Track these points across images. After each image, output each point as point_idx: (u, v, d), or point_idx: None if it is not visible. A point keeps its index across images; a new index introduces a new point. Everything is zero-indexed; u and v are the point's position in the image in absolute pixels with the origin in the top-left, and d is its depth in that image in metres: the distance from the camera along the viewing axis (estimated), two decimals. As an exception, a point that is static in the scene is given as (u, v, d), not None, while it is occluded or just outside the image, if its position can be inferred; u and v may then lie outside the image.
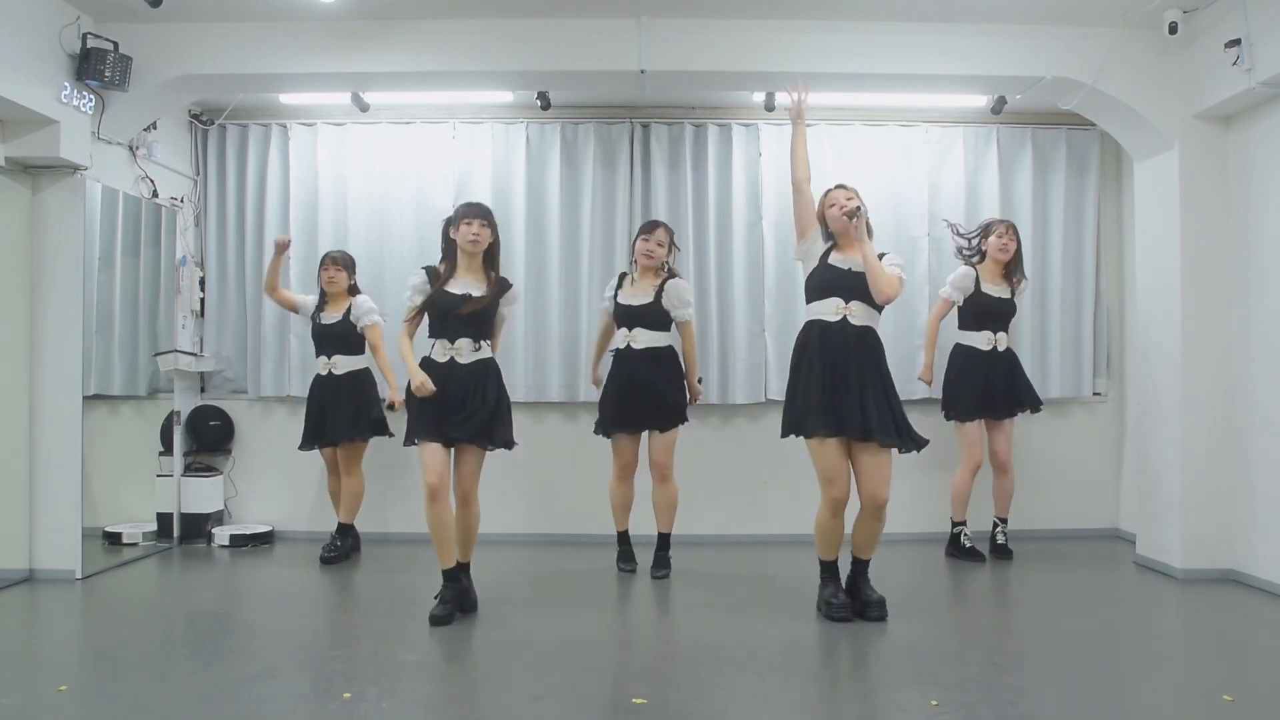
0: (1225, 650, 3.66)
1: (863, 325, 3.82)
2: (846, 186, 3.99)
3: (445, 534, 3.85)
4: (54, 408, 4.60)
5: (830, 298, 3.84)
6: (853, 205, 3.84)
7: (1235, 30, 4.23)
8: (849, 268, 3.84)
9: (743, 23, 4.71)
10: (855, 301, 3.81)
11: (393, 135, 5.69)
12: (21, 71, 4.16)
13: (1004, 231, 5.09)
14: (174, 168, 5.50)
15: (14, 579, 4.49)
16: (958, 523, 5.18)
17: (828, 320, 3.83)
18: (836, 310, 3.82)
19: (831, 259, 3.89)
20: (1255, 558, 4.50)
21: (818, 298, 3.89)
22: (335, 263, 5.12)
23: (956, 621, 4.05)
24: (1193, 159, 4.71)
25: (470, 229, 3.91)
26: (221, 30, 4.72)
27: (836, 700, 3.04)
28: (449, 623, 3.81)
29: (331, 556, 5.03)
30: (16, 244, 4.57)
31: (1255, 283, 4.53)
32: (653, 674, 3.30)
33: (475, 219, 3.93)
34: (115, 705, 2.94)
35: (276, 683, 3.11)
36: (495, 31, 4.72)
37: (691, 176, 5.67)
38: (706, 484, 5.51)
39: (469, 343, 3.92)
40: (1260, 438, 4.48)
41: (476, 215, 3.95)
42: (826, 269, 3.88)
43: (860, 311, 3.82)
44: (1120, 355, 5.81)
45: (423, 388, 3.80)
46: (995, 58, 4.75)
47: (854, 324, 3.81)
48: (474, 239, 3.92)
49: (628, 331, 4.63)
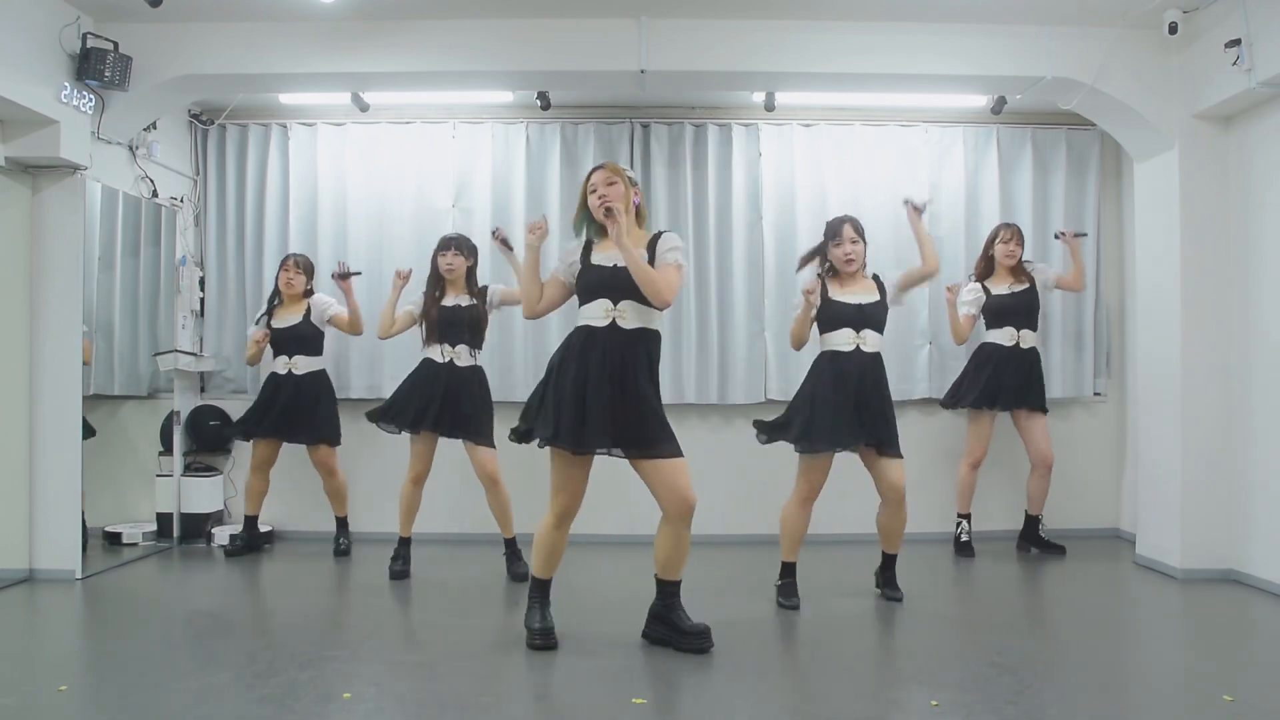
0: (1225, 650, 3.66)
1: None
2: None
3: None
4: (54, 408, 4.59)
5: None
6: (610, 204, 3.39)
7: (1235, 30, 4.23)
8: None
9: (743, 23, 4.71)
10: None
11: (392, 135, 5.69)
12: (21, 71, 4.16)
13: (1009, 237, 5.15)
14: (174, 168, 5.50)
15: (14, 579, 4.49)
16: (961, 515, 5.23)
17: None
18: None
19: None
20: (1255, 558, 4.50)
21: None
22: (298, 265, 5.19)
23: (956, 621, 4.05)
24: (1193, 159, 4.71)
25: (444, 259, 4.65)
26: (221, 30, 4.72)
27: (837, 700, 3.04)
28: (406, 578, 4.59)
29: (337, 547, 5.26)
30: (16, 244, 4.57)
31: (1255, 282, 4.53)
32: (653, 674, 3.30)
33: (449, 250, 4.67)
34: (115, 705, 2.94)
35: (276, 683, 3.10)
36: (495, 31, 4.72)
37: (691, 176, 5.67)
38: (706, 484, 5.49)
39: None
40: (1260, 438, 4.48)
41: (450, 246, 4.68)
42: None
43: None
44: (1120, 355, 5.81)
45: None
46: (995, 58, 4.76)
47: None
48: (449, 267, 4.65)
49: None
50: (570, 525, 3.53)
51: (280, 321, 5.17)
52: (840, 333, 4.11)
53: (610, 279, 3.39)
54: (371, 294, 5.58)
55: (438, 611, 4.21)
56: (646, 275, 3.32)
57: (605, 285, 3.39)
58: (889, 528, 4.20)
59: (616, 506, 4.91)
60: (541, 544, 3.53)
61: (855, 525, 4.97)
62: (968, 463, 5.20)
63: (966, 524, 5.22)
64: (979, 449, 5.17)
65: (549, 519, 3.49)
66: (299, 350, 5.15)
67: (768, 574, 4.67)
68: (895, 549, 4.26)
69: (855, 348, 4.08)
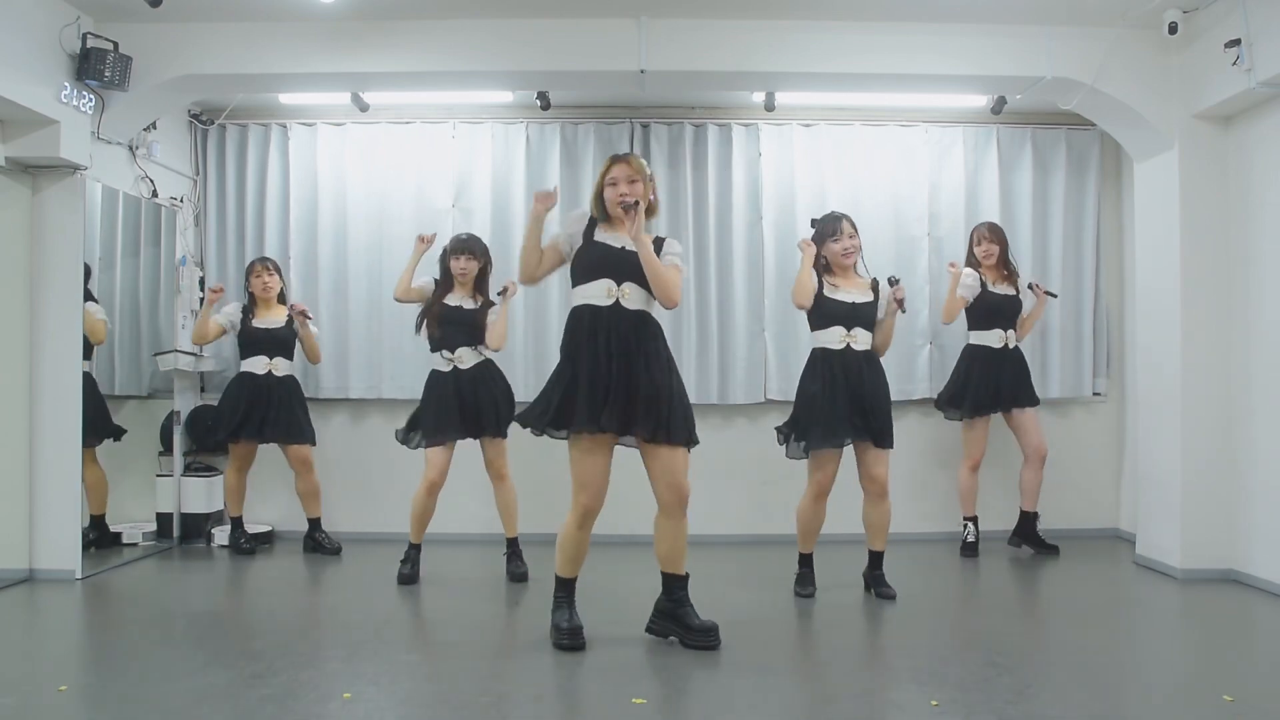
0: (1225, 650, 3.66)
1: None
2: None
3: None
4: (54, 408, 4.59)
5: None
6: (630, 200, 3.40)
7: (1235, 30, 4.22)
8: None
9: (743, 23, 4.71)
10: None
11: (392, 135, 5.69)
12: (21, 71, 4.16)
13: (979, 239, 5.17)
14: (174, 168, 5.50)
15: (14, 579, 4.49)
16: (967, 518, 5.22)
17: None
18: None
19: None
20: (1255, 558, 4.50)
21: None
22: (269, 268, 5.24)
23: (956, 621, 4.05)
24: (1193, 159, 4.70)
25: (458, 263, 4.59)
26: (221, 30, 4.72)
27: (836, 700, 3.04)
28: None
29: (329, 547, 5.24)
30: (16, 244, 4.57)
31: (1255, 283, 4.53)
32: (653, 674, 3.30)
33: (462, 255, 4.61)
34: (115, 705, 2.94)
35: (276, 683, 3.10)
36: (495, 31, 4.72)
37: (691, 176, 5.67)
38: (706, 484, 5.50)
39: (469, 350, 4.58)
40: (1260, 438, 4.48)
41: (464, 251, 4.63)
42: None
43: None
44: (1120, 355, 5.81)
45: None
46: (995, 58, 4.75)
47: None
48: (462, 271, 4.60)
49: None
50: (592, 526, 3.50)
51: (262, 322, 5.20)
52: (831, 330, 4.15)
53: (617, 259, 3.37)
54: (371, 294, 5.60)
55: (438, 611, 4.21)
56: (662, 275, 3.35)
57: (610, 265, 3.37)
58: (874, 523, 4.24)
59: (615, 506, 4.89)
60: (564, 545, 3.49)
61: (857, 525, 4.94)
62: (967, 466, 5.19)
63: (973, 526, 5.21)
64: (977, 451, 5.17)
65: (571, 520, 3.45)
66: (280, 352, 5.20)
67: (768, 573, 4.68)
68: (881, 546, 4.27)
69: (846, 346, 4.13)
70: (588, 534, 3.50)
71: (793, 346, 5.58)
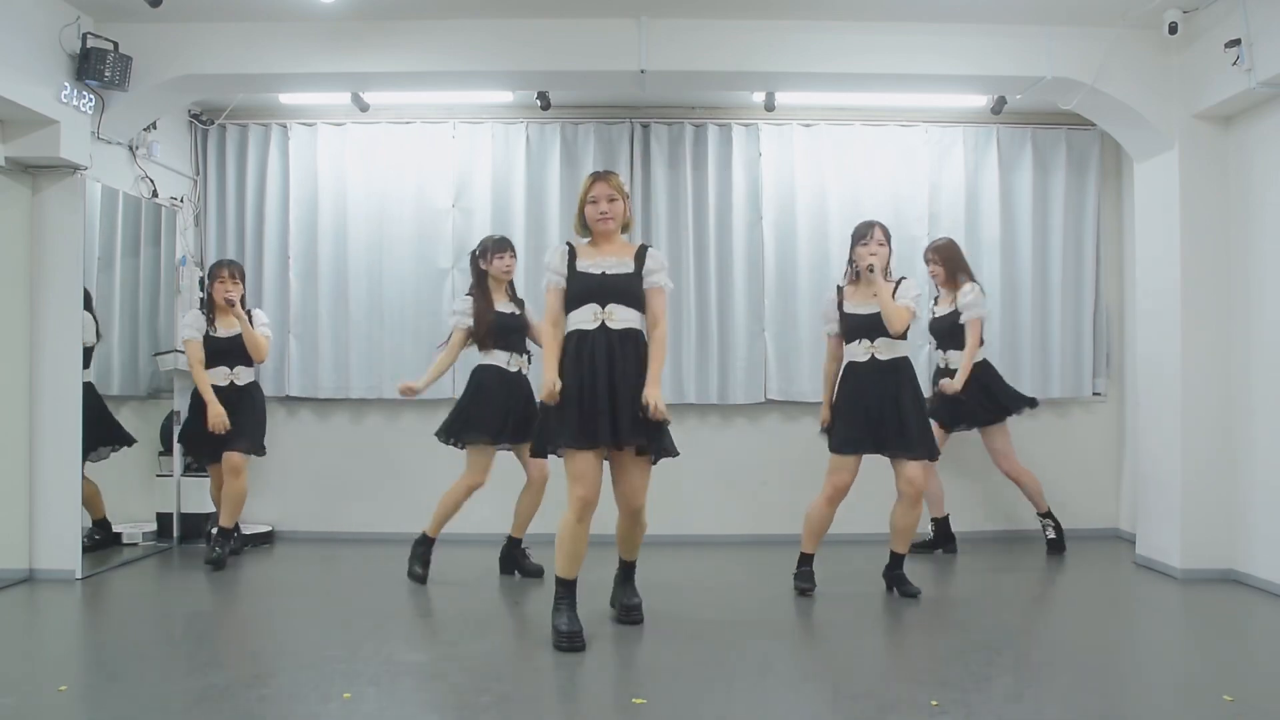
0: (1225, 650, 3.66)
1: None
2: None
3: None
4: (54, 408, 4.59)
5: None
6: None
7: (1235, 30, 4.22)
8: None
9: (743, 23, 4.71)
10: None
11: (392, 135, 5.69)
12: (21, 71, 4.15)
13: (926, 260, 5.18)
14: (174, 168, 5.50)
15: (14, 579, 4.49)
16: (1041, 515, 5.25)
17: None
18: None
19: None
20: (1255, 558, 4.49)
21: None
22: (234, 276, 4.95)
23: (956, 621, 4.05)
24: (1193, 159, 4.70)
25: (502, 260, 4.55)
26: (221, 30, 4.72)
27: (837, 700, 3.04)
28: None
29: (217, 557, 4.85)
30: (16, 244, 4.56)
31: (1255, 283, 4.53)
32: (653, 674, 3.30)
33: (506, 252, 4.59)
34: (115, 705, 2.94)
35: (276, 683, 3.11)
36: (495, 31, 4.72)
37: (691, 176, 5.67)
38: (705, 484, 5.51)
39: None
40: (1260, 438, 4.47)
41: (508, 248, 4.62)
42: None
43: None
44: (1120, 355, 5.81)
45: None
46: (995, 58, 4.75)
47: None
48: (506, 269, 4.57)
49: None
50: (591, 519, 3.56)
51: (226, 330, 4.97)
52: (856, 344, 4.21)
53: (598, 285, 3.58)
54: (372, 294, 5.59)
55: (438, 611, 4.22)
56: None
57: (593, 291, 3.59)
58: (901, 525, 4.21)
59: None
60: (564, 540, 3.53)
61: (860, 525, 4.94)
62: (1007, 464, 5.16)
63: (1051, 521, 5.24)
64: (1010, 448, 5.16)
65: (569, 514, 3.52)
66: (240, 361, 4.99)
67: (766, 574, 4.68)
68: (904, 549, 4.28)
69: (870, 357, 4.16)
70: (586, 527, 3.55)
71: (793, 347, 5.59)
